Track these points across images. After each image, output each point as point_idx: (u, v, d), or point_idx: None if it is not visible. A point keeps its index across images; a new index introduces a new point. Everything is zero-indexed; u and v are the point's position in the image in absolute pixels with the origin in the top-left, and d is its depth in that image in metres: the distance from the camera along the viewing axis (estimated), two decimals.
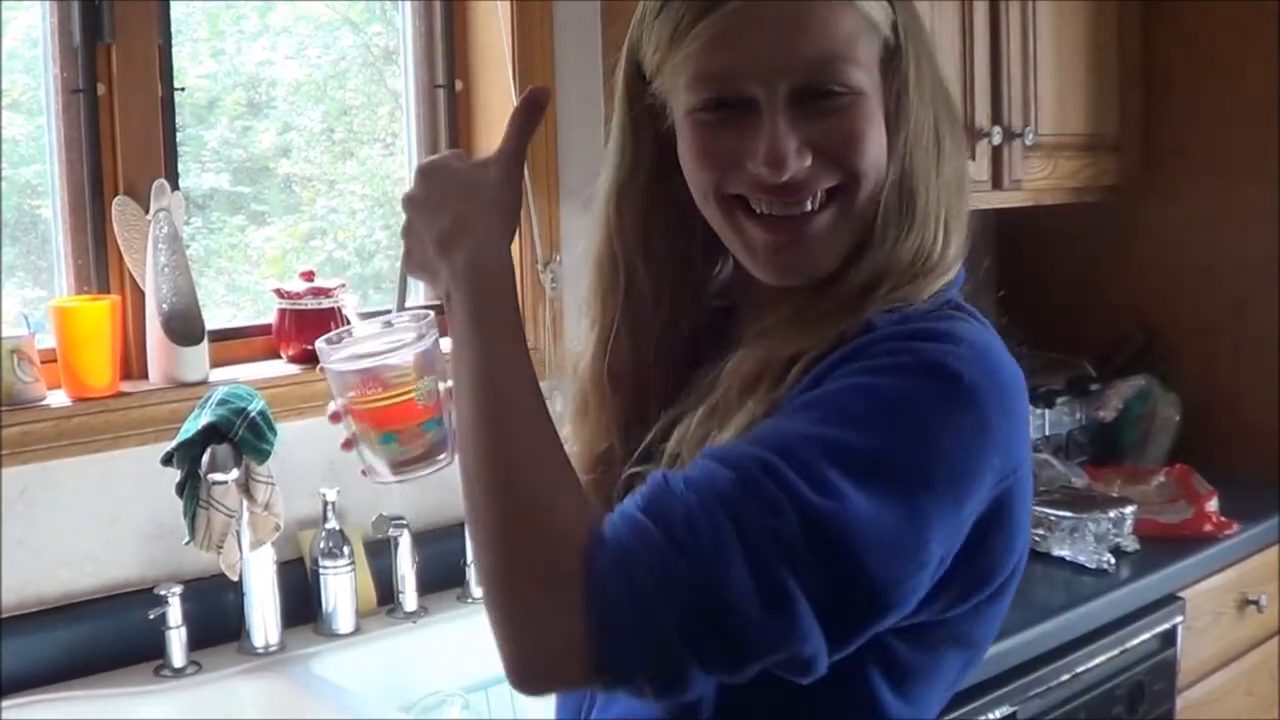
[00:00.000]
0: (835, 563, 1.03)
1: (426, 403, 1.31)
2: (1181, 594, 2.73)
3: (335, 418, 1.33)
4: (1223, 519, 2.88)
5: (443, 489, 1.17)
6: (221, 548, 2.11)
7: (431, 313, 1.34)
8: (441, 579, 2.41)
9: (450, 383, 1.23)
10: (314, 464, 2.31)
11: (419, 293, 2.64)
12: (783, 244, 1.20)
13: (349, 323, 2.45)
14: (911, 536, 1.06)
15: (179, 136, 2.33)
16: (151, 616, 2.10)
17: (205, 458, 2.08)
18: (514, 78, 2.52)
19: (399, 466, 1.33)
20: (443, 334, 1.28)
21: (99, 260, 2.23)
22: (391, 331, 1.34)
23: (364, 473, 1.35)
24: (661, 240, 1.30)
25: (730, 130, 1.18)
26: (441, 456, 1.32)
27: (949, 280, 1.25)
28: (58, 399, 2.13)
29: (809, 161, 1.16)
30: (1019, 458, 1.17)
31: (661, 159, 1.27)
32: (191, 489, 2.08)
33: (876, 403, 1.10)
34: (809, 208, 1.19)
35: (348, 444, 1.33)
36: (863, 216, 1.21)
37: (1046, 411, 3.18)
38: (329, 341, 1.33)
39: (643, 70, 1.25)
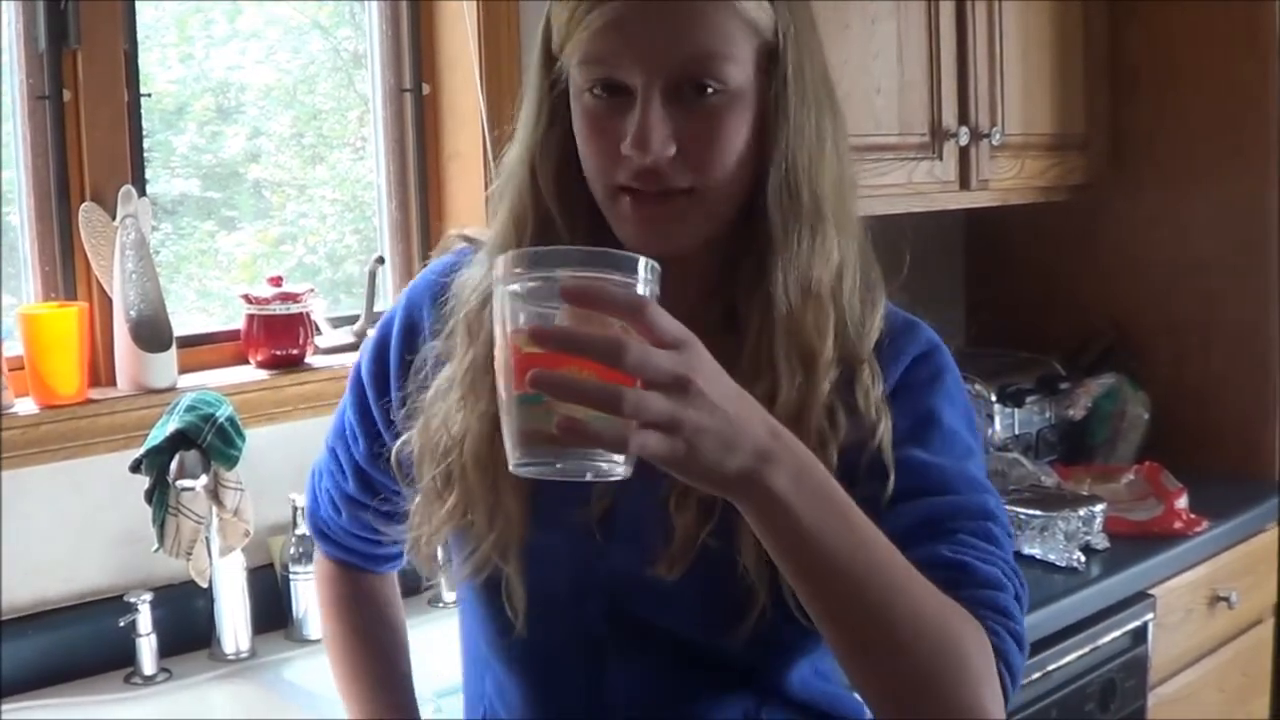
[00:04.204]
0: None
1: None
2: (1152, 591, 2.74)
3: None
4: (1192, 516, 2.89)
5: None
6: (191, 554, 2.11)
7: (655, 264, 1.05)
8: (412, 584, 2.39)
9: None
10: (283, 469, 2.30)
11: (388, 298, 2.64)
12: (644, 218, 1.27)
13: (319, 330, 2.46)
14: None
15: (148, 142, 2.33)
16: (122, 624, 2.09)
17: (174, 464, 2.07)
18: (480, 80, 2.52)
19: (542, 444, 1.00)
20: None
21: (66, 267, 2.23)
22: (609, 263, 1.02)
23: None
24: (577, 191, 1.33)
25: (610, 113, 1.25)
26: (618, 457, 1.00)
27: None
28: (25, 407, 2.12)
29: (673, 152, 1.23)
30: None
31: (569, 125, 1.32)
32: (160, 496, 2.08)
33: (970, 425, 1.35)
34: (667, 188, 1.26)
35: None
36: (721, 207, 1.28)
37: (1016, 410, 3.19)
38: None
39: (552, 46, 1.31)
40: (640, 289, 1.01)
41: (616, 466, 1.00)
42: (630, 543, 1.31)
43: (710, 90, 1.23)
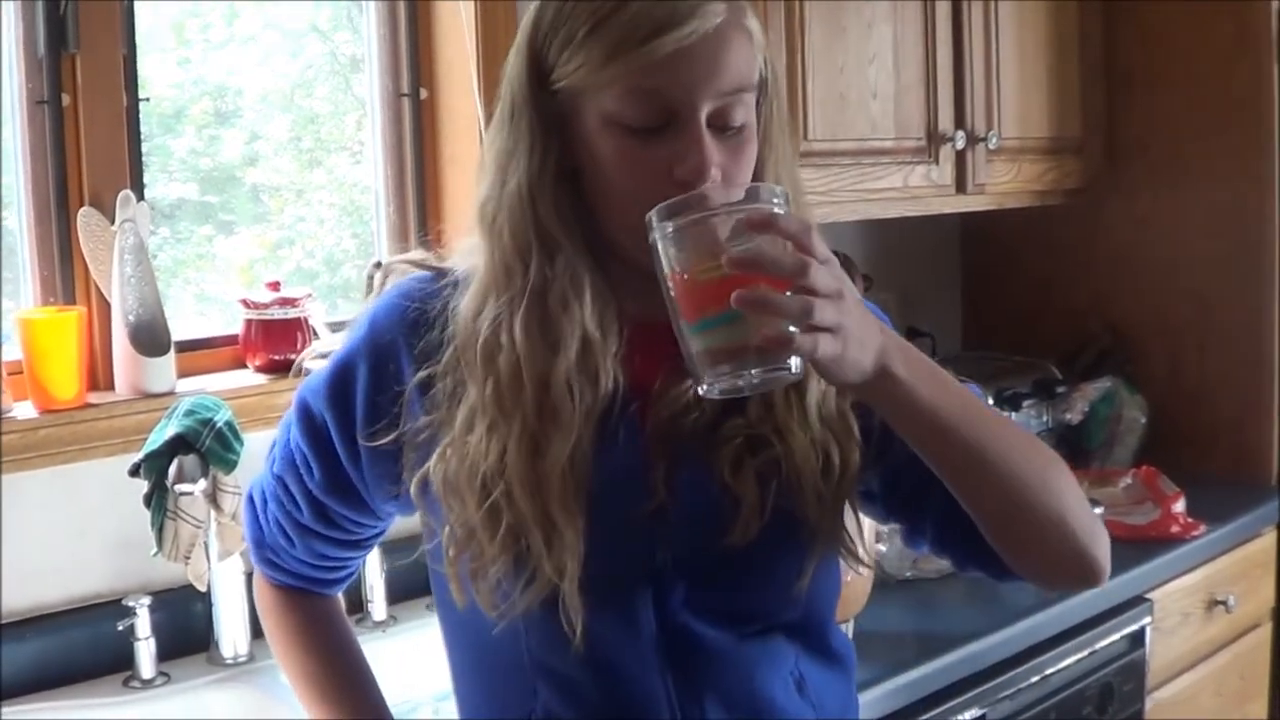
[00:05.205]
0: None
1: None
2: (1150, 595, 2.74)
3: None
4: (1189, 520, 2.90)
5: None
6: (189, 558, 2.11)
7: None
8: (410, 588, 2.40)
9: None
10: None
11: None
12: None
13: (316, 334, 2.46)
14: None
15: (146, 146, 2.33)
16: (120, 628, 2.09)
17: (172, 468, 2.07)
18: (478, 86, 2.52)
19: (731, 357, 1.18)
20: None
21: (65, 271, 2.23)
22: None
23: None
24: (575, 218, 1.36)
25: (646, 142, 1.30)
26: (794, 360, 1.17)
27: None
28: (24, 411, 2.12)
29: (719, 179, 1.30)
30: None
31: (564, 157, 1.35)
32: (159, 500, 2.08)
33: None
34: None
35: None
36: None
37: (1012, 414, 3.19)
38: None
39: (545, 77, 1.33)
40: (779, 212, 1.19)
41: (791, 374, 1.17)
42: (695, 526, 1.37)
43: (735, 125, 1.31)
